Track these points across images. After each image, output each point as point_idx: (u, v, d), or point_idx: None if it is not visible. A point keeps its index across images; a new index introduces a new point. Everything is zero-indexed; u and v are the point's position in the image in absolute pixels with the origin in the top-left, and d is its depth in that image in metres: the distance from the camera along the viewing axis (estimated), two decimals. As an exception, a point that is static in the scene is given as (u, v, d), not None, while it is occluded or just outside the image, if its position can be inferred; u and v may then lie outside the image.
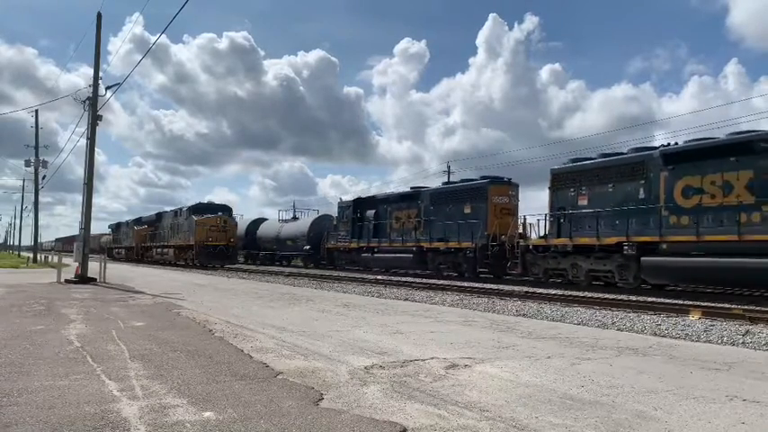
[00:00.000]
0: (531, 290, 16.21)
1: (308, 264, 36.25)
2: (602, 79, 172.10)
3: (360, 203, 29.96)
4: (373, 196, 30.19)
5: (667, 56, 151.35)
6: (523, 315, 10.76)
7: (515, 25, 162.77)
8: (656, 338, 7.89)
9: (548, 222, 19.14)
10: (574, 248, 17.73)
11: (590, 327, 9.19)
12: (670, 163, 15.45)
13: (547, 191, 19.28)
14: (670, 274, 15.38)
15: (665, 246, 15.21)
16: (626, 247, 16.00)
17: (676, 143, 16.57)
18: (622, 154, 17.62)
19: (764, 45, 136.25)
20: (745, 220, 13.67)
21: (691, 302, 12.52)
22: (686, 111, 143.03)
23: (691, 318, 10.01)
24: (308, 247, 35.92)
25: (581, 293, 15.02)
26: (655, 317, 10.24)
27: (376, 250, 27.73)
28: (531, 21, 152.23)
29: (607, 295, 14.44)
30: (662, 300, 13.62)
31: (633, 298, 13.82)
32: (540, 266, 19.10)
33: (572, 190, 18.23)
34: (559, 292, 15.71)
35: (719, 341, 7.91)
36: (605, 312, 10.96)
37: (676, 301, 13.00)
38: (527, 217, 21.61)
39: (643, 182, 16.12)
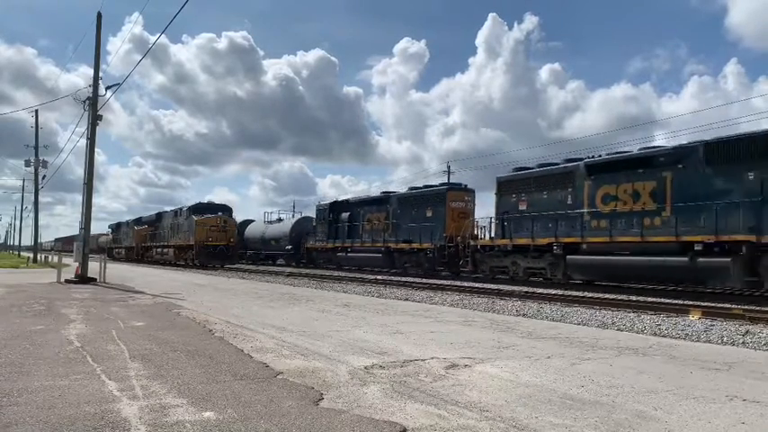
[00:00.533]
0: (531, 290, 16.22)
1: (290, 262, 37.83)
2: (602, 79, 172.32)
3: (336, 206, 32.20)
4: (347, 200, 32.30)
5: (667, 56, 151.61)
6: (523, 315, 10.76)
7: (515, 25, 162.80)
8: (656, 338, 7.89)
9: (493, 225, 21.57)
10: (513, 248, 20.08)
11: (590, 327, 9.19)
12: (592, 173, 17.78)
13: (494, 196, 21.55)
14: (589, 270, 17.81)
15: (585, 246, 17.58)
16: (555, 247, 18.37)
17: (600, 155, 18.53)
18: (556, 164, 19.74)
19: (763, 45, 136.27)
20: (648, 224, 16.02)
21: (691, 302, 12.53)
22: (686, 111, 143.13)
23: (691, 318, 10.02)
24: (289, 246, 38.11)
25: (581, 294, 15.05)
26: (655, 317, 10.24)
27: (349, 250, 30.03)
28: (530, 20, 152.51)
29: (607, 295, 14.46)
30: (662, 300, 13.63)
31: (633, 298, 13.83)
32: (487, 264, 21.35)
33: (514, 196, 20.55)
34: (559, 292, 15.72)
35: (719, 341, 7.91)
36: (605, 312, 10.97)
37: (676, 301, 13.00)
38: (479, 220, 24.03)
39: (571, 190, 18.39)
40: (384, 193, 29.94)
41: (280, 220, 43.16)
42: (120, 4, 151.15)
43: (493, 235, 21.63)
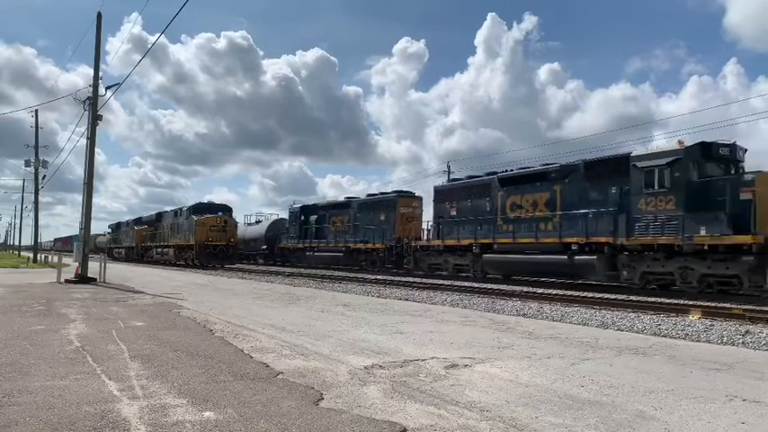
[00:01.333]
0: (531, 290, 16.23)
1: (267, 261, 41.15)
2: (601, 79, 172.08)
3: (306, 209, 35.89)
4: (316, 204, 36.06)
5: (666, 56, 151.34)
6: (523, 315, 10.76)
7: (514, 25, 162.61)
8: (656, 338, 7.90)
9: (432, 228, 25.11)
10: (444, 248, 23.79)
11: (590, 327, 9.19)
12: (504, 185, 21.48)
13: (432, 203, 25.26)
14: (499, 266, 21.40)
15: (496, 246, 21.29)
16: (474, 247, 22.05)
17: (512, 170, 22.72)
18: (479, 176, 23.53)
19: (761, 46, 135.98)
20: (542, 228, 19.53)
21: (691, 302, 12.54)
22: (686, 111, 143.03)
23: (691, 318, 10.02)
24: (264, 246, 41.23)
25: (581, 293, 15.06)
26: (655, 317, 10.25)
27: (316, 249, 33.71)
28: (530, 20, 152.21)
29: (607, 295, 14.47)
30: (662, 300, 13.63)
31: (633, 298, 13.83)
32: (425, 262, 24.91)
33: (447, 203, 24.08)
34: (560, 292, 15.73)
35: (719, 341, 7.92)
36: (605, 312, 10.97)
37: (676, 301, 13.01)
38: (424, 223, 27.68)
39: (488, 199, 22.07)
40: (347, 198, 33.52)
41: (258, 222, 45.63)
42: (119, 5, 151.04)
43: (430, 237, 25.14)
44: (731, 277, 14.47)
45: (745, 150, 16.55)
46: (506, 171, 22.66)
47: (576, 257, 18.00)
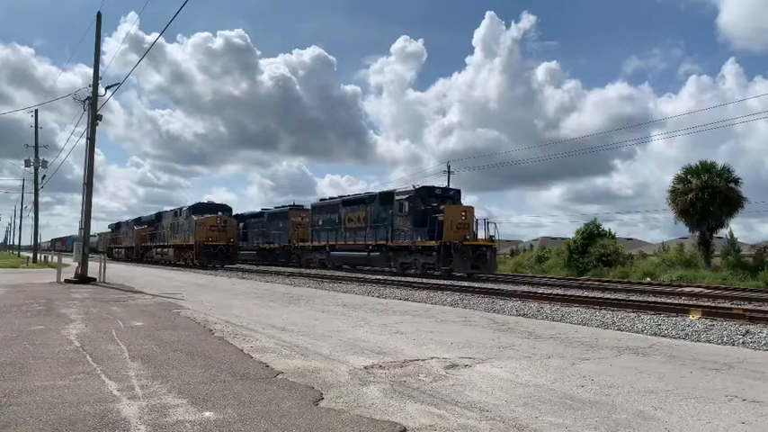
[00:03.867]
0: (531, 290, 16.24)
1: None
2: (599, 78, 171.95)
3: (239, 217, 42.85)
4: (242, 214, 44.81)
5: (663, 55, 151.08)
6: (523, 315, 10.76)
7: (512, 24, 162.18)
8: (656, 338, 7.90)
9: (312, 232, 34.93)
10: (313, 247, 34.42)
11: (590, 327, 9.19)
12: (345, 205, 31.49)
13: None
14: (339, 260, 31.71)
15: (337, 246, 31.48)
16: (327, 247, 32.63)
17: (350, 195, 32.43)
18: (334, 198, 33.86)
19: (754, 45, 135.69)
20: (360, 235, 29.40)
21: (691, 302, 12.54)
22: (684, 110, 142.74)
23: (691, 318, 10.02)
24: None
25: (582, 294, 15.07)
26: (655, 317, 10.24)
27: (242, 249, 42.37)
28: (527, 19, 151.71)
29: (608, 296, 14.49)
30: (662, 300, 13.64)
31: (633, 298, 13.84)
32: (303, 257, 35.88)
33: (318, 216, 34.28)
34: (561, 292, 15.73)
35: (719, 341, 7.92)
36: (605, 312, 10.96)
37: (677, 301, 13.01)
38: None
39: (337, 214, 31.99)
40: (262, 209, 44.23)
41: None
42: (115, 5, 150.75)
43: (309, 240, 35.15)
44: (432, 264, 24.74)
45: (459, 190, 27.90)
46: (348, 196, 32.46)
47: (371, 254, 28.49)
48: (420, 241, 24.98)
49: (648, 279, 24.10)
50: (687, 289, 17.56)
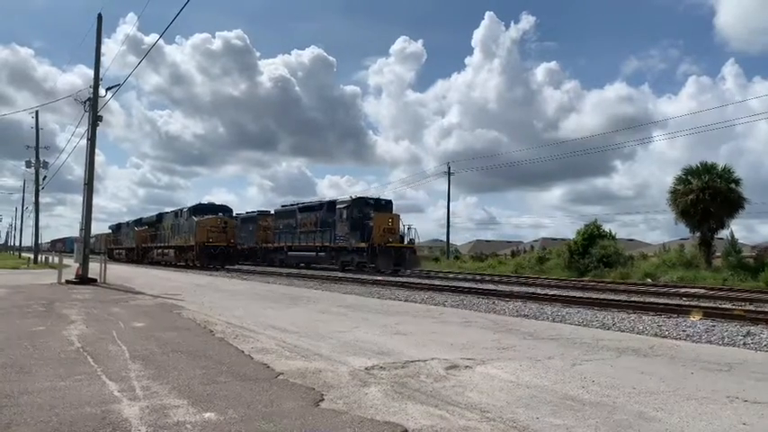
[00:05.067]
0: (532, 291, 16.24)
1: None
2: (598, 79, 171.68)
3: None
4: None
5: (662, 56, 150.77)
6: (524, 316, 10.76)
7: (512, 25, 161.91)
8: (658, 339, 7.89)
9: (274, 235, 39.89)
10: (275, 248, 39.32)
11: (591, 328, 9.18)
12: (301, 211, 36.86)
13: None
14: (295, 259, 36.45)
15: (293, 247, 36.62)
16: (284, 248, 37.56)
17: (305, 202, 38.40)
18: (292, 205, 39.09)
19: (750, 47, 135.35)
20: (311, 237, 34.57)
21: (692, 303, 12.53)
22: (684, 111, 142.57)
23: (692, 319, 10.01)
24: None
25: (583, 295, 15.07)
26: (656, 318, 10.24)
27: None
28: (527, 20, 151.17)
29: (610, 296, 14.48)
30: (663, 301, 13.63)
31: (635, 299, 13.84)
32: (269, 257, 40.21)
33: (280, 220, 39.46)
34: (562, 293, 15.73)
35: (720, 342, 7.91)
36: (606, 313, 10.95)
37: (678, 303, 13.00)
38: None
39: (294, 219, 37.24)
40: (237, 214, 46.62)
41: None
42: (113, 6, 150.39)
43: (272, 241, 40.01)
44: (365, 262, 29.75)
45: (390, 200, 33.82)
46: (304, 203, 38.11)
47: (319, 254, 33.92)
48: (355, 243, 30.59)
49: (649, 280, 24.09)
50: (688, 290, 17.54)
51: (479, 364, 5.58)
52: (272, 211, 43.19)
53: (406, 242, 30.50)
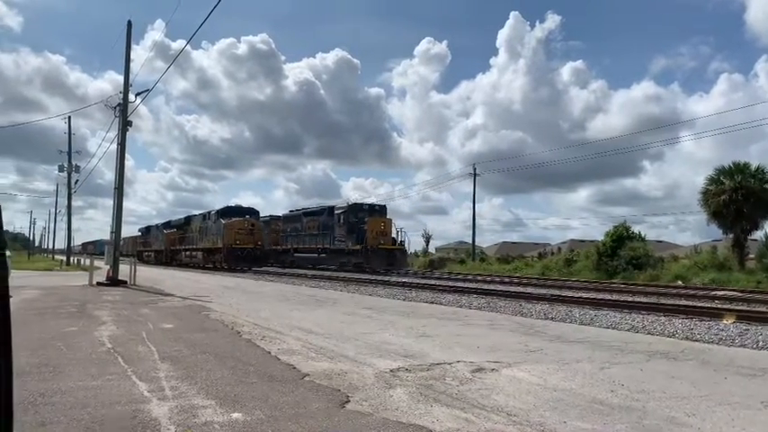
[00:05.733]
0: (558, 293, 16.05)
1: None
2: (626, 78, 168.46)
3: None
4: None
5: (692, 53, 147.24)
6: (551, 318, 10.64)
7: (537, 24, 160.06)
8: (688, 343, 7.73)
9: (283, 238, 44.16)
10: (282, 250, 43.41)
11: (620, 330, 9.04)
12: (306, 216, 40.60)
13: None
14: (300, 260, 39.62)
15: (299, 249, 40.84)
16: (291, 250, 41.51)
17: (309, 208, 42.20)
18: (298, 210, 43.41)
19: None
20: (314, 240, 38.83)
21: (725, 306, 12.25)
22: (717, 109, 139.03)
23: (724, 322, 9.78)
24: None
25: (611, 297, 14.84)
26: (687, 321, 10.03)
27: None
28: (552, 19, 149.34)
29: (638, 299, 14.23)
30: (694, 303, 13.35)
31: (664, 301, 13.58)
32: (280, 258, 43.14)
33: (288, 224, 43.46)
34: (591, 296, 15.52)
35: (755, 346, 7.71)
36: (635, 316, 10.77)
37: (710, 305, 12.72)
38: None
39: (300, 223, 41.22)
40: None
41: None
42: (141, 13, 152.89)
43: (280, 244, 43.81)
44: (360, 263, 33.21)
45: (384, 206, 37.29)
46: (308, 209, 41.65)
47: (320, 255, 37.54)
48: (351, 245, 34.36)
49: (680, 282, 23.62)
50: (720, 292, 17.14)
51: (506, 367, 5.53)
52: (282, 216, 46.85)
53: (397, 244, 34.63)
